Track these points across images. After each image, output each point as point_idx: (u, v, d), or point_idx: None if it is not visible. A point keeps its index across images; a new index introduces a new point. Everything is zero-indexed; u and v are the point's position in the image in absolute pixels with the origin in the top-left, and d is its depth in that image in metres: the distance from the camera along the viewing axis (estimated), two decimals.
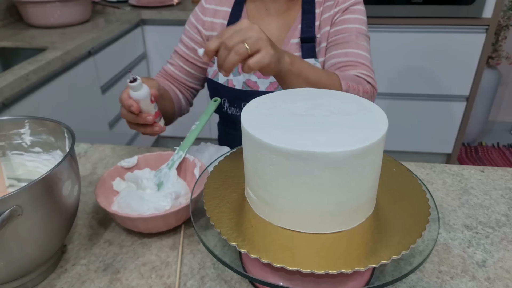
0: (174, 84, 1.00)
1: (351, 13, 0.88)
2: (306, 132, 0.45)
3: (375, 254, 0.45)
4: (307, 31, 0.88)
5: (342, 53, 0.86)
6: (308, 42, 0.88)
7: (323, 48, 0.90)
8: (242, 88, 0.92)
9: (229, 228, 0.49)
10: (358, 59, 0.85)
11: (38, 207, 0.49)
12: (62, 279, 0.58)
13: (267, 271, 0.51)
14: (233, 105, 0.95)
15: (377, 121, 0.48)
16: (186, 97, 1.03)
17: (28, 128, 0.63)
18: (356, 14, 0.88)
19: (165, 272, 0.59)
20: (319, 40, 0.89)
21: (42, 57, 1.39)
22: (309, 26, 0.88)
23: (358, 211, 0.48)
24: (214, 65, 0.95)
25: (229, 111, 0.97)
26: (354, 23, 0.88)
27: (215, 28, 0.94)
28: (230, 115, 0.97)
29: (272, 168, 0.45)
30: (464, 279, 0.58)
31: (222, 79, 0.94)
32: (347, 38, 0.87)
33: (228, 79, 0.93)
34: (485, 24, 1.84)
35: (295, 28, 0.90)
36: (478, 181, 0.78)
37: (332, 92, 0.56)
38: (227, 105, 0.96)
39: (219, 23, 0.94)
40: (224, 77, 0.93)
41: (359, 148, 0.43)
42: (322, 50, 0.90)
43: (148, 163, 0.74)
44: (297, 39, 0.89)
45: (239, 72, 0.91)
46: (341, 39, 0.87)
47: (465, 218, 0.69)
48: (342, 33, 0.87)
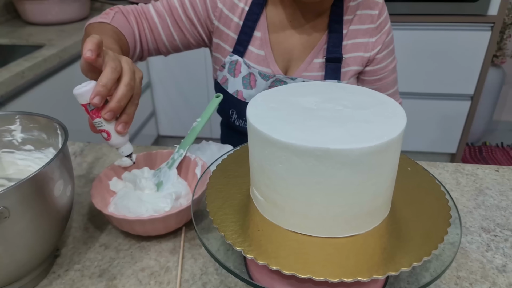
0: (142, 35, 0.83)
1: (388, 46, 0.87)
2: (318, 128, 0.42)
3: (393, 261, 0.41)
4: (334, 51, 0.82)
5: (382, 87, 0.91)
6: (333, 62, 0.83)
7: (353, 72, 0.86)
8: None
9: (234, 232, 0.45)
10: (395, 96, 0.94)
11: (27, 209, 0.45)
12: (55, 285, 0.55)
13: (274, 278, 0.47)
14: (242, 117, 0.88)
15: (394, 116, 0.44)
16: (143, 50, 0.86)
17: (19, 125, 0.59)
18: (390, 46, 0.88)
19: (164, 278, 0.55)
20: (346, 61, 0.84)
21: (38, 54, 1.35)
22: (336, 46, 0.82)
23: (374, 213, 0.45)
24: (224, 70, 0.87)
25: (237, 123, 0.90)
26: (390, 57, 0.89)
27: (229, 26, 0.84)
28: (238, 126, 0.90)
29: (281, 166, 0.42)
30: (484, 285, 0.54)
31: (231, 88, 0.86)
32: (388, 78, 0.90)
33: (238, 90, 0.85)
34: (490, 22, 1.81)
35: (319, 48, 0.84)
36: (494, 181, 0.74)
37: (344, 85, 0.53)
38: (235, 117, 0.89)
39: (234, 22, 0.83)
40: (234, 87, 0.86)
41: (377, 145, 0.39)
42: (350, 73, 0.85)
43: (147, 162, 0.70)
44: (321, 59, 0.83)
45: (251, 85, 0.85)
46: (383, 78, 0.90)
47: (482, 220, 0.65)
48: (385, 71, 0.89)
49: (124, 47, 0.74)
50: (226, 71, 0.86)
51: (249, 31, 0.82)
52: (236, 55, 0.84)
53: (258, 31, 0.83)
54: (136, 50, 0.83)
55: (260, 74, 0.83)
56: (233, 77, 0.85)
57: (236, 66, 0.85)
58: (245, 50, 0.84)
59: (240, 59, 0.84)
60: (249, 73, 0.84)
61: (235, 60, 0.84)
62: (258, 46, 0.84)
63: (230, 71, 0.86)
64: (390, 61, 0.88)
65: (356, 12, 0.82)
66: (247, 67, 0.84)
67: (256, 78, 0.84)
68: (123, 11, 0.81)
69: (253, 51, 0.84)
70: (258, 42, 0.83)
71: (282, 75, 0.84)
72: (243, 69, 0.84)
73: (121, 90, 0.50)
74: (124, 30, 0.76)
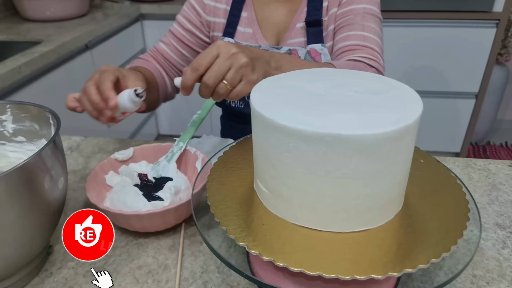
0: (163, 66, 0.92)
1: None
2: (329, 113, 0.39)
3: (410, 257, 0.38)
4: (313, 14, 0.81)
5: (343, 37, 0.79)
6: (314, 26, 0.81)
7: (331, 31, 0.83)
8: None
9: (237, 226, 0.42)
10: (361, 42, 0.77)
11: (15, 201, 0.42)
12: (47, 284, 0.52)
13: (280, 276, 0.44)
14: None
15: (409, 101, 0.41)
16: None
17: (10, 115, 0.56)
18: None
19: (163, 277, 0.52)
20: (327, 23, 0.82)
21: (36, 49, 1.33)
22: (316, 8, 0.81)
23: (388, 206, 0.42)
24: None
25: (232, 104, 0.91)
26: (361, 3, 0.79)
27: (218, 14, 0.89)
28: (234, 108, 0.91)
29: (288, 155, 0.39)
30: (502, 284, 0.51)
31: None
32: (351, 20, 0.79)
33: None
34: (495, 19, 1.78)
35: (301, 11, 0.83)
36: (507, 176, 0.71)
37: (353, 71, 0.50)
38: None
39: (222, 9, 0.88)
40: None
41: (393, 130, 0.36)
42: (330, 34, 0.83)
43: (145, 156, 0.67)
44: (302, 23, 0.83)
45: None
46: (345, 22, 0.80)
47: (497, 216, 0.62)
48: (348, 15, 0.79)
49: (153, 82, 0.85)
50: None
51: (236, 12, 0.87)
52: (227, 37, 0.88)
53: (244, 11, 0.87)
54: (166, 81, 0.91)
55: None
56: None
57: None
58: (235, 31, 0.87)
59: (231, 39, 0.87)
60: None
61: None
62: (245, 25, 0.87)
63: None
64: (361, 7, 0.79)
65: None
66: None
67: None
68: (143, 57, 0.91)
69: (241, 30, 0.87)
70: (245, 21, 0.87)
71: (267, 45, 0.85)
72: None
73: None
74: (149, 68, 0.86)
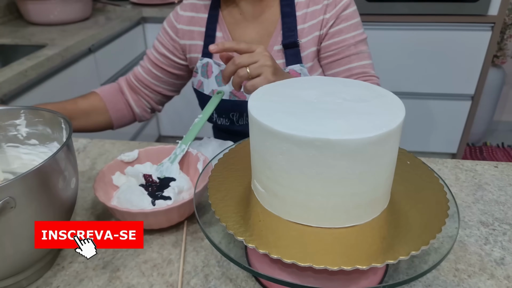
0: (135, 89, 0.99)
1: (345, 20, 0.85)
2: (319, 119, 0.43)
3: (392, 250, 0.42)
4: (289, 35, 0.84)
5: (346, 69, 0.86)
6: (291, 48, 0.84)
7: (312, 53, 0.86)
8: (229, 98, 0.89)
9: (235, 223, 0.46)
10: (363, 70, 0.86)
11: (33, 200, 0.46)
12: (59, 277, 0.55)
13: (275, 268, 0.48)
14: (222, 115, 0.92)
15: (393, 108, 0.45)
16: (150, 103, 1.02)
17: (24, 119, 0.60)
18: (350, 20, 0.85)
19: (167, 270, 0.56)
20: (305, 44, 0.85)
21: (41, 53, 1.37)
22: (291, 30, 0.84)
23: (374, 204, 0.46)
24: (198, 75, 0.92)
25: (219, 122, 0.94)
26: (350, 32, 0.85)
27: (193, 37, 0.91)
28: (220, 125, 0.94)
29: (282, 157, 0.43)
30: (482, 277, 0.55)
31: (207, 89, 0.91)
32: (347, 51, 0.85)
33: (213, 90, 0.89)
34: (490, 22, 1.81)
35: (277, 34, 0.86)
36: (493, 176, 0.75)
37: (344, 80, 0.53)
38: (216, 116, 0.93)
39: (196, 31, 0.91)
40: (209, 87, 0.90)
41: (376, 135, 0.40)
42: (310, 55, 0.86)
43: (149, 157, 0.71)
44: (279, 46, 0.85)
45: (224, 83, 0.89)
46: (341, 53, 0.86)
47: (481, 214, 0.66)
48: (341, 46, 0.85)
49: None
50: (199, 75, 0.91)
51: (211, 33, 0.89)
52: (205, 58, 0.90)
53: (219, 31, 0.90)
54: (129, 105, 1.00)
55: None
56: (207, 79, 0.90)
57: (207, 68, 0.90)
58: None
59: (210, 60, 0.89)
60: (220, 71, 0.88)
61: (206, 62, 0.89)
62: None
63: (203, 74, 0.91)
64: (351, 36, 0.85)
65: None
66: (217, 66, 0.89)
67: None
68: (118, 81, 1.00)
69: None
70: (221, 41, 0.89)
71: None
72: (214, 69, 0.89)
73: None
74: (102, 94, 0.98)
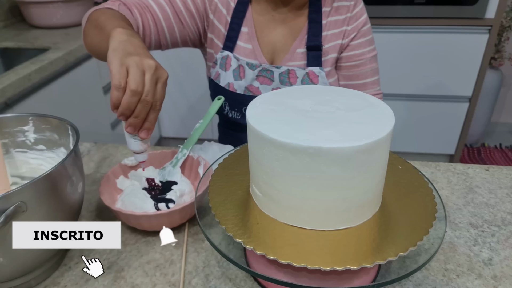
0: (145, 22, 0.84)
1: (363, 36, 0.91)
2: (312, 128, 0.45)
3: (382, 251, 0.45)
4: (314, 39, 0.88)
5: (361, 84, 0.94)
6: (314, 50, 0.89)
7: (332, 59, 0.91)
8: (244, 92, 0.91)
9: (234, 225, 0.49)
10: (374, 86, 0.95)
11: (43, 204, 0.49)
12: (66, 277, 0.58)
13: (272, 268, 0.51)
14: (234, 108, 0.94)
15: (383, 117, 0.48)
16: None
17: (32, 126, 0.63)
18: (367, 36, 0.92)
19: (169, 270, 0.59)
20: (327, 50, 0.90)
21: (44, 57, 1.39)
22: (316, 35, 0.89)
23: (365, 208, 0.48)
24: (217, 66, 0.93)
25: (230, 114, 0.96)
26: (367, 47, 0.92)
27: (222, 21, 0.90)
28: (230, 118, 0.96)
29: (278, 164, 0.45)
30: (470, 277, 0.57)
31: (223, 81, 0.92)
32: (364, 66, 0.92)
33: (229, 83, 0.92)
34: (488, 25, 1.83)
35: (302, 38, 0.90)
36: (484, 179, 0.78)
37: (338, 89, 0.56)
38: (228, 108, 0.95)
39: (224, 17, 0.89)
40: (225, 80, 0.92)
41: (365, 144, 0.42)
42: (330, 60, 0.90)
43: (152, 162, 0.74)
44: (303, 49, 0.89)
45: (241, 77, 0.91)
46: (360, 66, 0.92)
47: (471, 216, 0.69)
48: (361, 58, 0.92)
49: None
50: (218, 67, 0.93)
51: (236, 27, 0.90)
52: (226, 51, 0.91)
53: (245, 26, 0.90)
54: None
55: (248, 64, 0.90)
56: (225, 71, 0.92)
57: (227, 61, 0.91)
58: (234, 46, 0.91)
59: (230, 54, 0.91)
60: (239, 65, 0.91)
61: (226, 55, 0.91)
62: (245, 40, 0.90)
63: (221, 66, 0.92)
64: (367, 50, 0.92)
65: (332, 4, 0.89)
66: (236, 60, 0.91)
67: (244, 69, 0.90)
68: (126, 3, 0.82)
69: (241, 45, 0.90)
70: (246, 37, 0.90)
71: (267, 64, 0.90)
72: (233, 63, 0.91)
73: (138, 108, 0.54)
74: (129, 21, 0.77)
